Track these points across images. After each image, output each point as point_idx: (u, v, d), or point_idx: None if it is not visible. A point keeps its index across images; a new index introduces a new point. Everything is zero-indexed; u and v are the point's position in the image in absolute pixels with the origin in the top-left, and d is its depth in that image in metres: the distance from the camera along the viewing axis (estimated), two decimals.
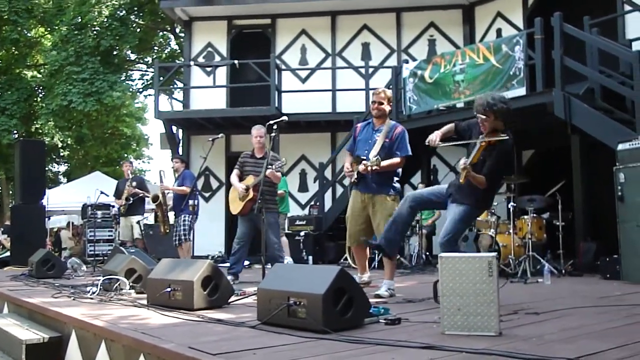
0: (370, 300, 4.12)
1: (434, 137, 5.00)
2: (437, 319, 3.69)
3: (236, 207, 7.27)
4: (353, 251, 6.05)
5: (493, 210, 8.49)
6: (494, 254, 3.58)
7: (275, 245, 7.04)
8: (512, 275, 7.64)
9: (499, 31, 13.13)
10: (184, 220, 8.67)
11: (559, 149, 10.22)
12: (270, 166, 6.76)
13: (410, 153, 5.74)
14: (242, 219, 7.32)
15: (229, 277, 6.56)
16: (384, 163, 5.47)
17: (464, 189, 4.85)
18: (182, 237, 8.61)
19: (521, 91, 9.56)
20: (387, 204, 5.61)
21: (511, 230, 8.35)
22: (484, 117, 4.76)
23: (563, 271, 8.05)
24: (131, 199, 10.51)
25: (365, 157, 5.56)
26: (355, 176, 5.66)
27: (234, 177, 7.35)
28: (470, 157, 4.73)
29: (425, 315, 4.21)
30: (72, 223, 18.07)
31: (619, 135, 7.67)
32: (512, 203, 8.38)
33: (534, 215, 8.41)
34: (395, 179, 5.76)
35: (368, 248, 6.08)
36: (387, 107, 5.80)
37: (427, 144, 5.01)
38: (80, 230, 16.37)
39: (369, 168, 5.40)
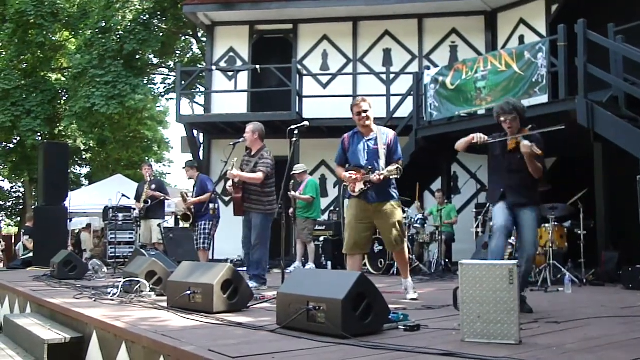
0: (390, 306, 4.11)
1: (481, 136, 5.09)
2: (456, 326, 3.68)
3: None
4: (350, 259, 5.86)
5: None
6: (515, 261, 3.57)
7: (256, 246, 6.90)
8: (533, 284, 7.56)
9: (521, 38, 13.06)
10: (204, 228, 8.68)
11: (581, 157, 10.12)
12: (254, 166, 6.83)
13: (402, 156, 5.96)
14: (243, 219, 7.21)
15: (255, 285, 6.55)
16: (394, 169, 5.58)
17: (525, 190, 4.98)
18: (201, 245, 8.65)
19: (544, 98, 9.49)
20: (395, 211, 5.70)
21: None
22: (511, 115, 5.02)
23: (584, 280, 7.97)
24: (149, 201, 10.56)
25: (371, 167, 5.59)
26: (363, 187, 5.63)
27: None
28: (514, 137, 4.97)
29: (444, 322, 4.20)
30: (91, 225, 18.20)
31: None
32: None
33: (556, 223, 8.33)
34: (394, 184, 5.82)
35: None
36: (371, 112, 5.80)
37: (476, 141, 5.06)
38: (101, 233, 16.51)
39: (392, 176, 5.51)
